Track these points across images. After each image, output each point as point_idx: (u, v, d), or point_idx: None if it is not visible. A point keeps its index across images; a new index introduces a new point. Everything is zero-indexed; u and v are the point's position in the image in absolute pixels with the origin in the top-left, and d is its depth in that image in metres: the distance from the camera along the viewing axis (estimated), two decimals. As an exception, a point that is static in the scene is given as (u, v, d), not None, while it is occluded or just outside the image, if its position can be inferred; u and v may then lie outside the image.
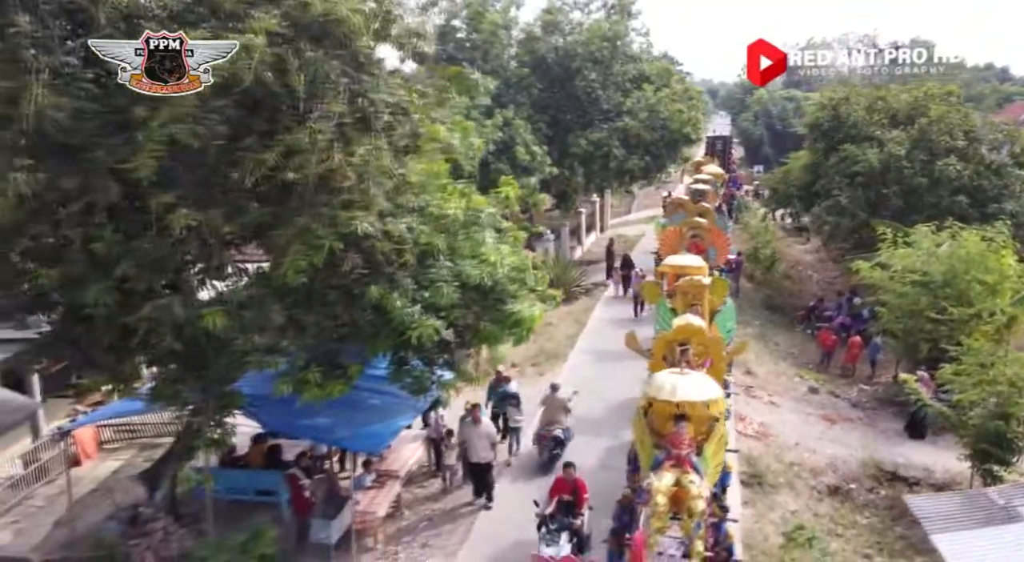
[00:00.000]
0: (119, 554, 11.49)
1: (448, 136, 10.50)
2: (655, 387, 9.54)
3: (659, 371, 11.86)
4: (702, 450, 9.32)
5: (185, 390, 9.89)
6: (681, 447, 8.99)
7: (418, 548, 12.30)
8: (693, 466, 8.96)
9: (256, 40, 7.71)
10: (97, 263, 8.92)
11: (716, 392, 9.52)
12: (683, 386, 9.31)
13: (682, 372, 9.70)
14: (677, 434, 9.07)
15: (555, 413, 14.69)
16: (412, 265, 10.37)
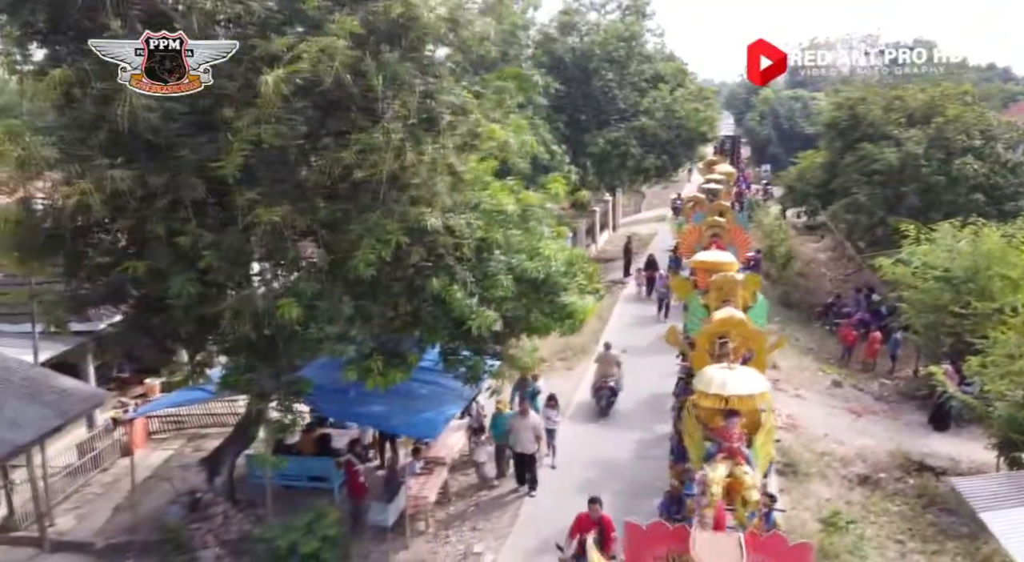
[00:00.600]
0: (183, 537, 11.96)
1: (503, 135, 10.94)
2: (704, 382, 9.90)
3: (703, 364, 12.31)
4: (752, 442, 9.68)
5: (257, 378, 10.33)
6: (732, 439, 9.33)
7: (468, 531, 12.76)
8: (745, 457, 9.29)
9: (338, 43, 8.13)
10: (180, 256, 9.40)
11: (764, 386, 9.89)
12: (732, 380, 9.67)
13: (730, 367, 10.06)
14: (727, 427, 9.41)
15: (609, 367, 17.08)
16: (470, 259, 10.84)
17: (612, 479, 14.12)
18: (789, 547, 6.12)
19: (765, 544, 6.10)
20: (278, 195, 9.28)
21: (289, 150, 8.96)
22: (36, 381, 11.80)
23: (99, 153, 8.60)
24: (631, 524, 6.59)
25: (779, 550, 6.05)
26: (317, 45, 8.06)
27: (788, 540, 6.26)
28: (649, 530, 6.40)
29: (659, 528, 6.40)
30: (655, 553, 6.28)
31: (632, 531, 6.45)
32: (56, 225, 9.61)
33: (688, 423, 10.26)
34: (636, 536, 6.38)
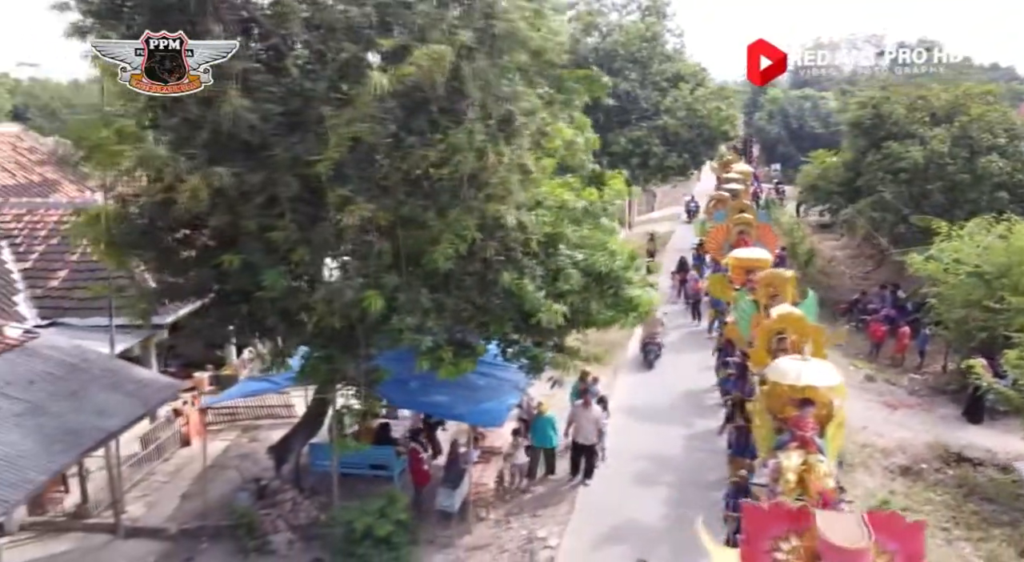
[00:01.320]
0: (254, 522, 12.40)
1: (569, 133, 11.35)
2: (779, 373, 10.19)
3: (762, 359, 12.62)
4: (823, 432, 9.87)
5: (338, 367, 10.76)
6: (806, 429, 9.54)
7: (528, 518, 13.18)
8: (818, 447, 9.49)
9: (446, 51, 8.54)
10: (271, 250, 9.82)
11: (837, 378, 10.18)
12: (807, 371, 9.98)
13: (804, 358, 10.39)
14: (801, 417, 9.63)
15: (654, 327, 20.37)
16: (538, 253, 11.25)
17: (664, 471, 14.65)
18: (905, 525, 6.42)
19: (883, 522, 6.39)
20: (363, 192, 9.70)
21: (378, 149, 9.36)
22: (115, 372, 12.24)
23: (201, 152, 9.01)
24: (750, 505, 6.91)
25: (896, 528, 6.34)
26: (432, 53, 8.45)
27: (904, 518, 6.58)
28: (769, 510, 6.69)
29: (779, 508, 6.70)
30: (774, 533, 6.56)
31: (751, 512, 6.74)
32: (150, 221, 10.04)
33: (758, 414, 10.55)
34: (755, 517, 6.67)
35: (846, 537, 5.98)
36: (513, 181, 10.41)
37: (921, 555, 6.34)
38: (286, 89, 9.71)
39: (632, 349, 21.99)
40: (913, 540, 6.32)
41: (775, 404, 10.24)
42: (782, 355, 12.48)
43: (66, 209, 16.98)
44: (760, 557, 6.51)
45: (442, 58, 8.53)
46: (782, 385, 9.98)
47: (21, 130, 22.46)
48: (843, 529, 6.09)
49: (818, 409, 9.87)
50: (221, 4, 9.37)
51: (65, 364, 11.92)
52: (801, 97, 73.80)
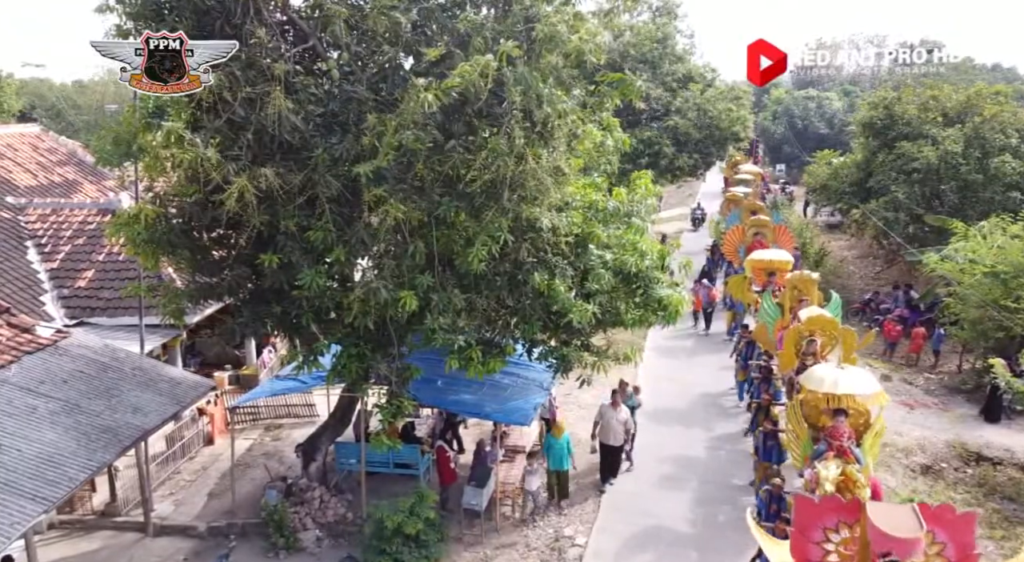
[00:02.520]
0: (284, 519, 12.50)
1: (600, 135, 11.42)
2: (815, 381, 10.01)
3: (790, 363, 12.57)
4: (861, 441, 9.74)
5: (369, 365, 10.85)
6: (842, 438, 9.39)
7: (555, 516, 13.27)
8: (855, 456, 9.38)
9: (491, 61, 8.62)
10: (308, 250, 9.93)
11: (876, 386, 10.02)
12: (844, 380, 9.78)
13: (840, 366, 10.22)
14: (837, 426, 9.47)
15: None
16: (568, 254, 11.33)
17: (688, 473, 14.78)
18: (957, 516, 6.53)
19: (935, 513, 6.51)
20: (400, 193, 9.79)
21: (419, 152, 9.43)
22: (147, 371, 12.34)
23: (245, 153, 9.12)
24: (801, 497, 7.01)
25: (948, 519, 6.46)
26: (478, 65, 8.52)
27: (955, 509, 6.69)
28: (821, 503, 6.82)
29: (832, 501, 6.82)
30: (824, 524, 6.68)
31: (802, 504, 6.86)
32: (189, 221, 10.15)
33: (792, 422, 10.36)
34: (806, 509, 6.79)
35: (899, 527, 6.10)
36: (548, 183, 10.50)
37: (972, 546, 6.45)
38: (325, 91, 9.83)
39: (648, 348, 22.10)
40: (964, 531, 6.44)
41: (811, 412, 10.10)
42: (811, 359, 12.51)
43: (91, 209, 17.10)
44: (810, 548, 6.63)
45: (487, 68, 8.60)
46: (818, 393, 9.82)
47: (41, 131, 22.55)
48: (896, 519, 6.21)
49: (855, 418, 9.72)
50: (264, 6, 9.48)
51: (97, 363, 12.03)
52: (806, 97, 73.85)
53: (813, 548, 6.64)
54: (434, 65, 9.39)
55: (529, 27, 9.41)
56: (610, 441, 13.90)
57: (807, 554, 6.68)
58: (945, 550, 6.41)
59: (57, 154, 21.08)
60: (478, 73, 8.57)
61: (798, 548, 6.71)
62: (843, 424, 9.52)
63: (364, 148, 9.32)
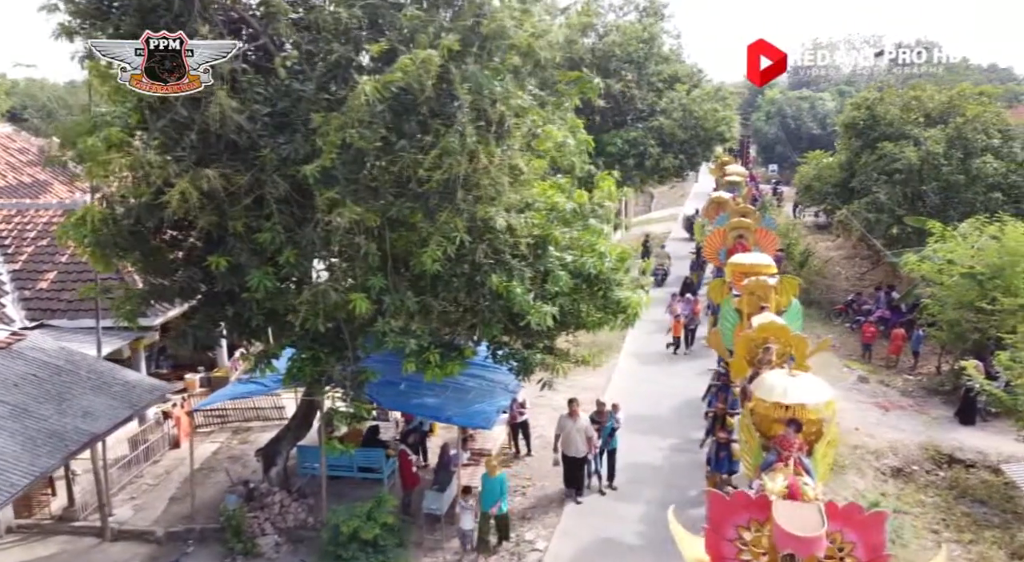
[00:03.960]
0: (242, 524, 12.34)
1: (560, 135, 11.29)
2: (765, 389, 9.49)
3: (741, 371, 12.22)
4: (812, 451, 9.18)
5: (324, 368, 10.70)
6: (791, 449, 8.81)
7: (517, 521, 13.12)
8: (805, 468, 8.75)
9: (433, 55, 8.48)
10: (257, 252, 9.78)
11: (828, 393, 9.44)
12: (795, 388, 9.24)
13: (792, 374, 9.70)
14: (786, 436, 8.95)
15: (662, 259, 28.86)
16: (527, 255, 11.19)
17: (651, 481, 14.49)
18: (865, 515, 6.42)
19: (843, 512, 6.42)
20: (351, 194, 9.64)
21: (367, 151, 9.30)
22: (102, 374, 12.18)
23: (189, 153, 8.96)
24: (714, 493, 6.88)
25: (856, 518, 6.35)
26: (418, 58, 8.38)
27: (864, 508, 6.59)
28: (732, 499, 6.70)
29: (742, 497, 6.70)
30: (736, 521, 6.57)
31: (715, 500, 6.74)
32: (137, 223, 9.99)
33: (744, 431, 9.83)
34: (719, 505, 6.68)
35: (801, 525, 5.99)
36: (504, 183, 10.36)
37: (882, 545, 6.35)
38: (274, 90, 9.67)
39: (625, 352, 21.95)
40: (874, 531, 6.33)
41: (762, 421, 9.61)
42: (767, 367, 12.19)
43: (56, 210, 16.92)
44: (724, 545, 6.53)
45: (429, 62, 8.47)
46: (767, 402, 9.30)
47: (13, 131, 22.36)
48: (799, 518, 6.10)
49: (807, 427, 9.15)
50: (209, 4, 9.33)
51: (51, 366, 11.87)
52: (799, 98, 73.90)
53: (727, 545, 6.54)
54: (383, 63, 9.23)
55: (477, 23, 9.26)
56: (571, 452, 13.46)
57: (721, 551, 6.57)
58: (855, 550, 6.32)
59: (28, 154, 20.91)
60: (418, 67, 8.40)
61: (712, 545, 6.61)
62: (792, 434, 9.13)
63: (314, 148, 9.17)
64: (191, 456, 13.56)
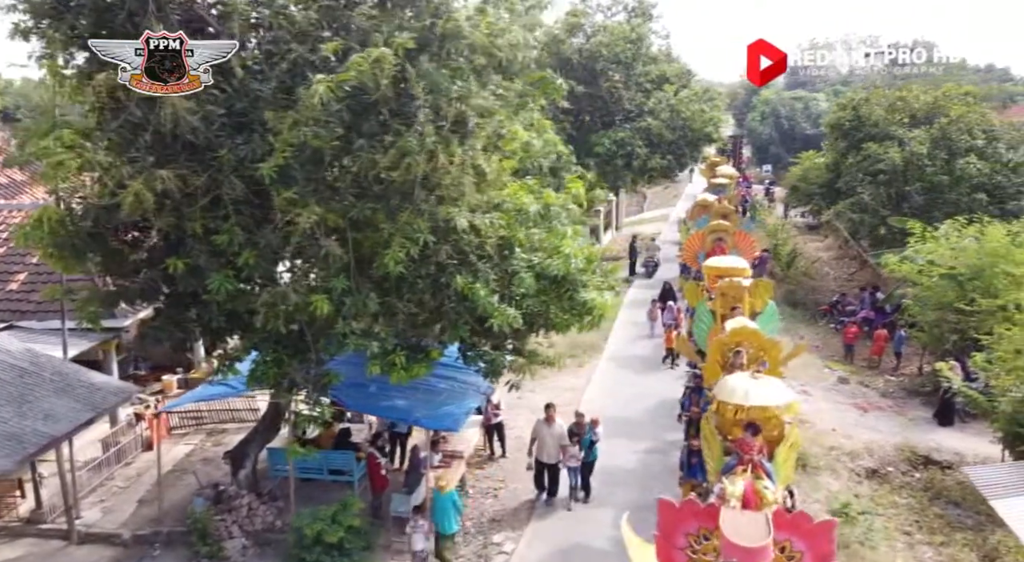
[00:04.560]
0: (208, 528, 12.26)
1: (525, 135, 11.22)
2: (726, 391, 9.50)
3: (714, 374, 12.13)
4: (774, 455, 9.20)
5: (287, 370, 10.62)
6: (752, 452, 8.81)
7: (487, 523, 13.07)
8: (766, 471, 8.76)
9: (387, 54, 8.42)
10: (216, 253, 9.70)
11: (789, 396, 9.43)
12: (755, 390, 9.24)
13: (754, 376, 9.70)
14: (746, 440, 8.93)
15: (653, 250, 31.26)
16: (493, 257, 11.12)
17: (622, 486, 14.23)
18: (814, 524, 6.38)
19: (791, 521, 6.37)
20: (312, 195, 9.57)
21: (325, 151, 9.22)
22: (67, 376, 12.10)
23: (145, 154, 8.89)
24: (664, 501, 6.82)
25: (804, 527, 6.31)
26: (370, 57, 8.32)
27: (813, 517, 6.54)
28: (681, 507, 6.65)
29: (691, 506, 6.64)
30: (686, 530, 6.52)
31: (665, 508, 6.69)
32: (95, 224, 9.91)
33: (706, 434, 9.83)
34: (669, 513, 6.63)
35: (746, 535, 5.94)
36: (466, 183, 10.28)
37: (830, 554, 6.30)
38: (233, 90, 9.59)
39: (607, 353, 21.88)
40: (823, 539, 6.28)
41: (724, 424, 9.56)
42: (739, 371, 12.10)
43: (28, 210, 16.81)
44: (674, 553, 6.47)
45: (383, 61, 8.40)
46: (728, 405, 9.34)
47: (-8, 131, 22.26)
48: (745, 528, 6.05)
49: (768, 430, 9.21)
50: (166, 3, 9.25)
51: (15, 368, 11.79)
52: (793, 98, 73.94)
53: (678, 554, 6.50)
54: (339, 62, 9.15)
55: (434, 22, 9.19)
56: (544, 458, 13.38)
57: (671, 559, 6.53)
58: (803, 558, 6.27)
59: (5, 154, 20.79)
60: (372, 66, 8.33)
61: (664, 554, 6.56)
62: (751, 437, 8.96)
63: (272, 148, 9.09)
64: (158, 459, 13.46)
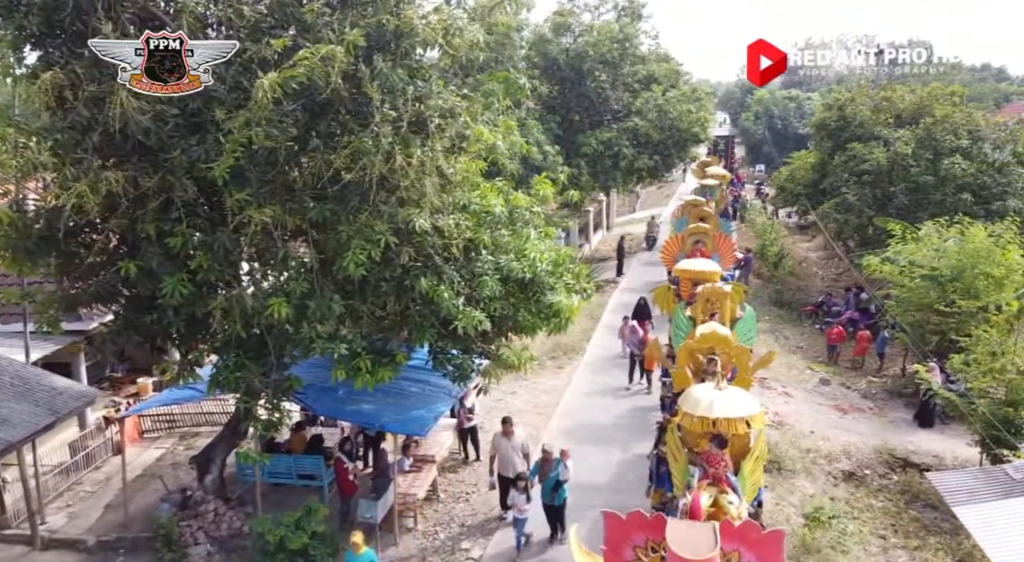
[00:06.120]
0: (173, 534, 12.09)
1: (491, 136, 11.08)
2: (690, 402, 9.30)
3: (684, 382, 11.93)
4: (739, 468, 9.07)
5: (247, 375, 10.46)
6: (718, 465, 8.69)
7: (456, 527, 12.91)
8: (731, 485, 8.67)
9: (337, 51, 8.27)
10: (171, 256, 9.54)
11: (755, 408, 9.25)
12: (720, 402, 9.06)
13: (719, 387, 9.54)
14: (711, 452, 8.78)
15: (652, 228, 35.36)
16: (458, 259, 10.96)
17: (588, 505, 13.10)
18: (762, 534, 6.24)
19: (738, 532, 6.23)
20: (267, 196, 9.42)
21: (279, 152, 9.08)
22: (28, 380, 11.92)
23: (93, 155, 8.72)
24: (610, 513, 6.66)
25: (752, 537, 6.17)
26: (318, 53, 8.17)
27: (761, 528, 6.39)
28: (628, 519, 6.49)
29: (638, 517, 6.49)
30: (633, 541, 6.37)
31: (611, 520, 6.54)
32: (48, 226, 9.74)
33: (672, 445, 9.64)
34: (615, 525, 6.48)
35: (692, 547, 5.79)
36: (427, 185, 10.14)
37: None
38: (188, 90, 9.42)
39: (587, 357, 21.60)
40: (771, 550, 6.14)
41: (690, 436, 9.41)
42: (711, 378, 11.92)
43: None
44: None
45: (332, 58, 8.24)
46: (693, 416, 9.13)
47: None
48: (691, 539, 5.90)
49: (734, 441, 9.08)
50: (116, 2, 9.09)
51: (-26, 372, 11.61)
52: (786, 98, 73.94)
53: None
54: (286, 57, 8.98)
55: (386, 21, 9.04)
56: (507, 472, 12.64)
57: None
58: None
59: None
60: (320, 61, 8.18)
61: None
62: (717, 450, 8.84)
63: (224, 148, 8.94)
64: (123, 464, 13.27)
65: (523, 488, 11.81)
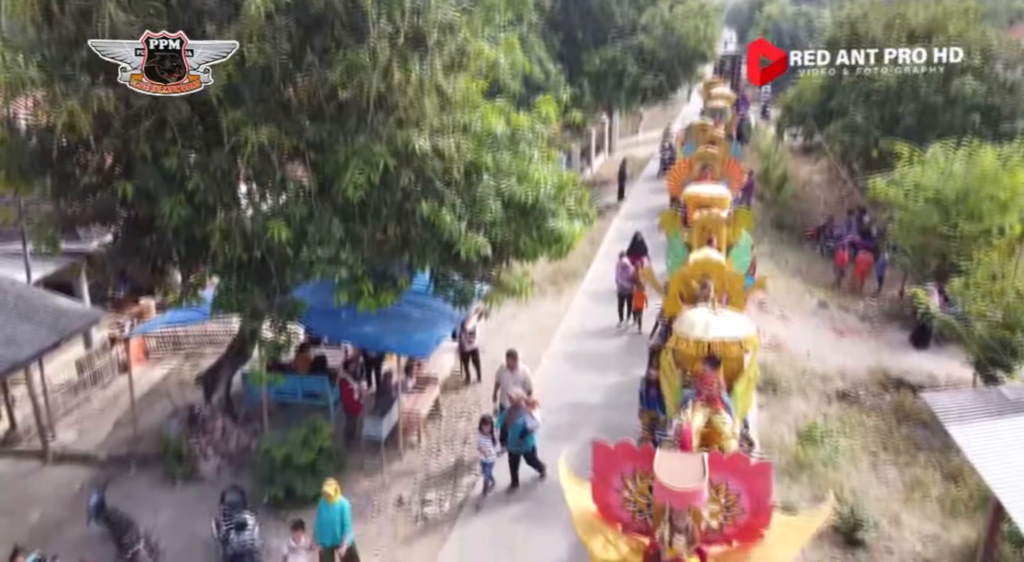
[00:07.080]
0: (183, 449, 12.42)
1: (492, 53, 10.74)
2: (685, 325, 9.40)
3: (675, 308, 12.00)
4: (732, 388, 9.24)
5: (249, 298, 10.49)
6: (712, 386, 8.85)
7: (459, 444, 13.25)
8: (724, 405, 8.85)
9: None
10: (168, 177, 9.40)
11: (749, 330, 9.37)
12: (715, 325, 9.16)
13: (714, 310, 9.62)
14: (705, 374, 8.91)
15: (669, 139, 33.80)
16: (459, 182, 10.80)
17: (584, 424, 13.69)
18: (750, 465, 6.35)
19: (727, 463, 6.33)
20: (263, 115, 9.21)
21: (273, 68, 8.83)
22: (30, 300, 11.98)
23: (82, 71, 8.48)
24: (599, 443, 6.76)
25: (740, 468, 6.27)
26: None
27: (749, 459, 6.51)
28: (616, 449, 6.58)
29: (626, 448, 6.58)
30: (622, 471, 6.48)
31: (600, 450, 6.63)
32: (42, 145, 9.57)
33: (666, 367, 9.81)
34: (604, 454, 6.57)
35: (679, 478, 5.91)
36: (427, 104, 9.91)
37: (768, 494, 6.30)
38: (176, 2, 9.08)
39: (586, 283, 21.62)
40: (760, 481, 6.27)
41: (684, 358, 9.53)
42: (703, 303, 11.98)
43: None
44: (609, 493, 6.47)
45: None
46: (688, 338, 9.28)
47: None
48: (679, 470, 6.02)
49: (727, 364, 9.20)
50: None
51: (-23, 293, 11.66)
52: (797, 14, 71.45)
53: (612, 494, 6.50)
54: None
55: None
56: (508, 403, 12.38)
57: (607, 500, 6.53)
58: (739, 500, 6.27)
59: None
60: None
61: (599, 494, 6.56)
62: (711, 371, 8.99)
63: (217, 66, 8.67)
64: (130, 381, 13.48)
65: (488, 432, 11.38)
